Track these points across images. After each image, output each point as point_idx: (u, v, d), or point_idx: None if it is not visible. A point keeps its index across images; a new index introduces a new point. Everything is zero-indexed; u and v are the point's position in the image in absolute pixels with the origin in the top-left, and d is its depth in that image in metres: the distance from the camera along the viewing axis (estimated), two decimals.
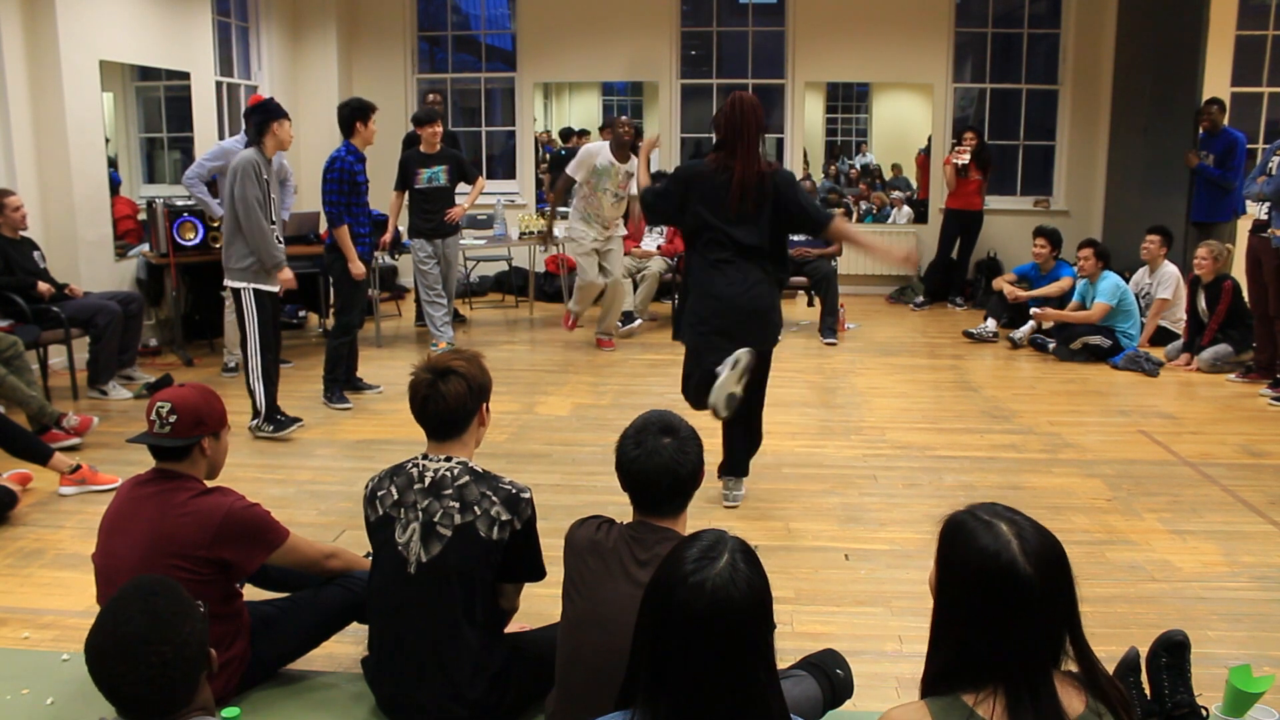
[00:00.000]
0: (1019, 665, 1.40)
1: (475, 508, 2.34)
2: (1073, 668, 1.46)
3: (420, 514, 2.35)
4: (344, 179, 5.54)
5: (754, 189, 3.72)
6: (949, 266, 9.00)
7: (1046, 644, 1.42)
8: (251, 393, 4.96)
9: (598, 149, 6.85)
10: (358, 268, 5.60)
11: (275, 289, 5.00)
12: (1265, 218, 5.89)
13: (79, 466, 4.18)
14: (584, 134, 9.90)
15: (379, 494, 2.43)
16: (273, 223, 4.93)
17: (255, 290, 4.89)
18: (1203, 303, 6.53)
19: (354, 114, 5.60)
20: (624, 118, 6.93)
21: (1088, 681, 1.44)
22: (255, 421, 4.98)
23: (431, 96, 8.25)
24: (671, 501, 2.13)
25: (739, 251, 3.77)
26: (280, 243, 5.00)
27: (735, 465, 4.09)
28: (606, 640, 1.97)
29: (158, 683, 1.58)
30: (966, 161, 8.51)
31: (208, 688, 1.73)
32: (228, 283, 4.95)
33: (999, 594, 1.40)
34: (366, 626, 2.59)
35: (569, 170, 6.97)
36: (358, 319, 5.78)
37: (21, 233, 5.52)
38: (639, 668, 1.47)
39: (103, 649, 1.60)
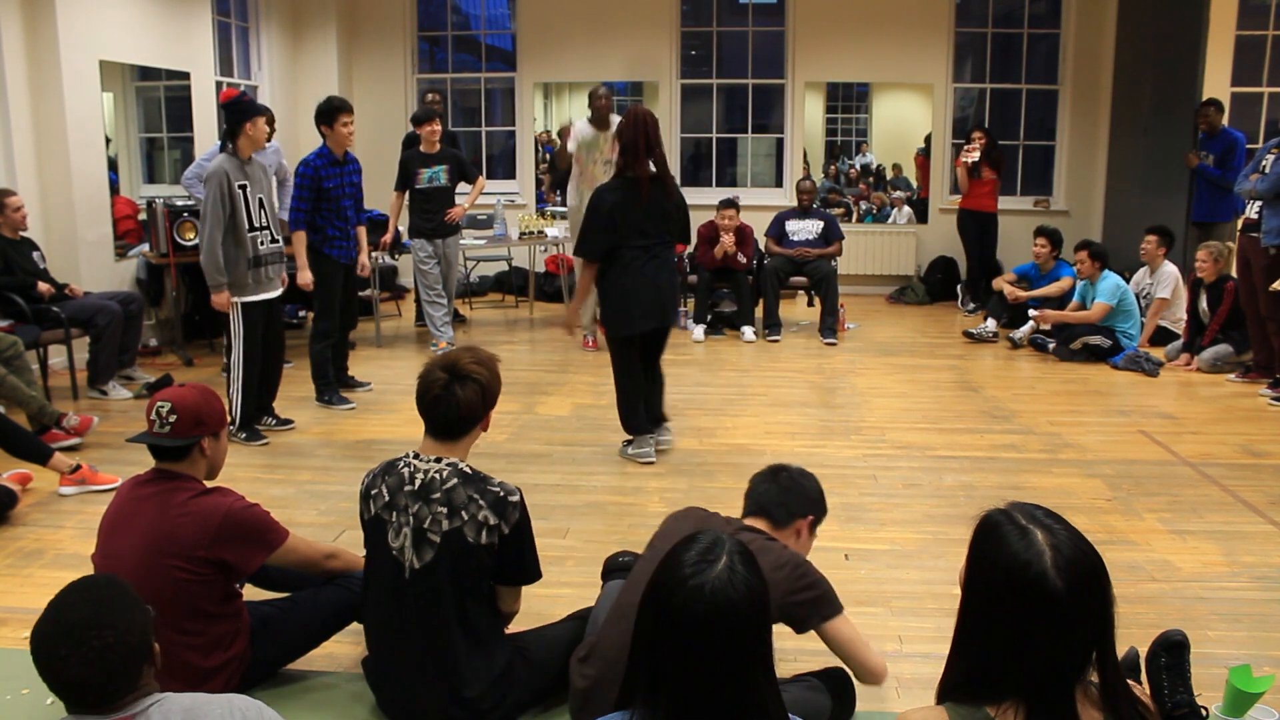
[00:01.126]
0: (1042, 681, 1.36)
1: (463, 512, 2.32)
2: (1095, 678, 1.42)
3: (411, 519, 2.34)
4: (305, 184, 5.43)
5: (655, 186, 4.40)
6: (971, 269, 8.87)
7: (1072, 661, 1.38)
8: (229, 399, 4.89)
9: (581, 125, 7.02)
10: (304, 277, 5.44)
11: (269, 295, 4.92)
12: (1255, 217, 5.89)
13: (79, 467, 4.18)
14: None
15: (372, 493, 2.42)
16: (261, 227, 4.83)
17: (239, 304, 4.80)
18: (1204, 303, 6.54)
19: (317, 118, 5.52)
20: (600, 89, 7.03)
21: (1108, 703, 1.40)
22: (230, 428, 4.87)
23: (431, 96, 8.25)
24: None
25: (659, 243, 4.46)
26: (276, 242, 4.94)
27: (652, 416, 4.71)
28: None
29: (98, 665, 1.62)
30: (977, 160, 8.48)
31: (154, 683, 1.74)
32: None
33: (1025, 606, 1.36)
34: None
35: (568, 148, 7.14)
36: (335, 324, 5.68)
37: (21, 233, 5.53)
38: (638, 669, 1.47)
39: (46, 634, 1.65)
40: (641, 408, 4.61)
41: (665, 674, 1.41)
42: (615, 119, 6.87)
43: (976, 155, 8.47)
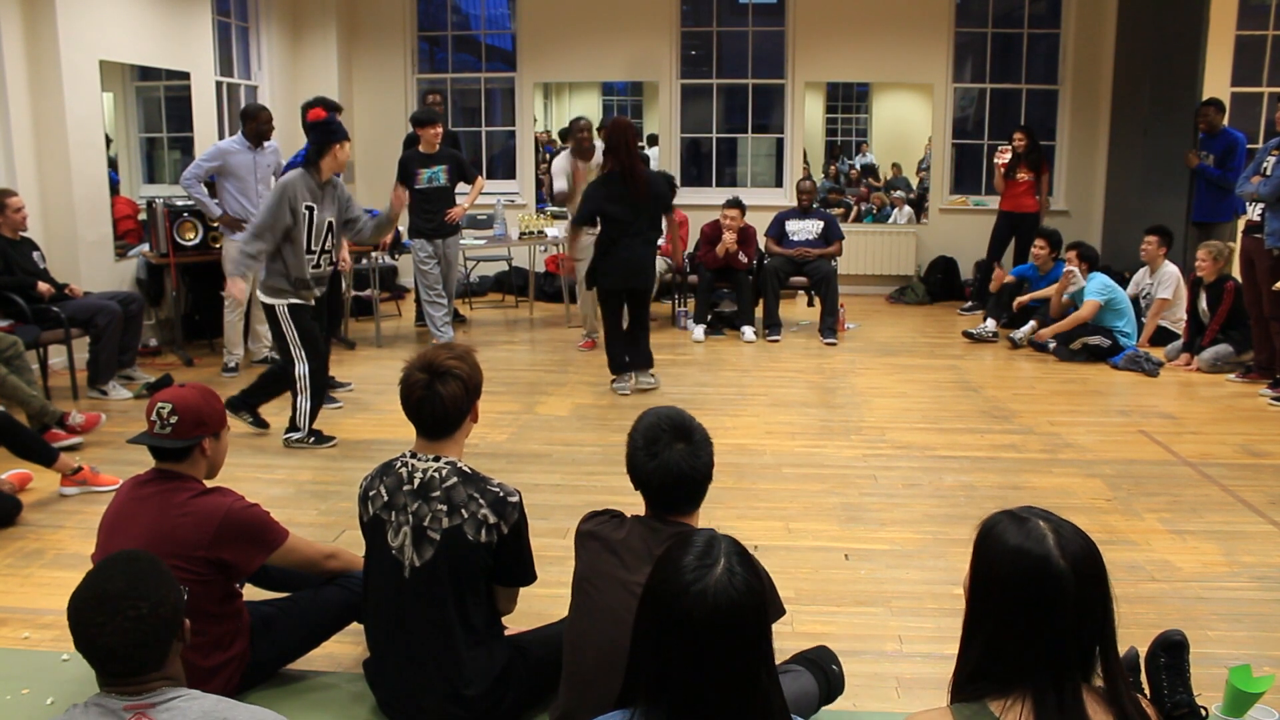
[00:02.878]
0: (1047, 671, 1.38)
1: (462, 510, 2.33)
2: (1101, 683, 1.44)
3: (410, 517, 2.34)
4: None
5: (641, 179, 5.61)
6: (992, 271, 8.62)
7: (1076, 653, 1.40)
8: (297, 409, 4.76)
9: (562, 161, 7.26)
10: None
11: (309, 302, 4.77)
12: (1258, 219, 5.89)
13: (80, 468, 4.18)
14: None
15: (370, 494, 2.42)
16: (320, 251, 4.72)
17: (287, 307, 4.67)
18: (1203, 303, 6.53)
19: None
20: (582, 120, 7.25)
21: (1113, 701, 1.42)
22: (297, 434, 4.79)
23: (432, 97, 8.24)
24: (687, 503, 2.16)
25: (637, 226, 5.65)
26: (327, 266, 4.82)
27: (643, 360, 5.92)
28: (619, 633, 1.98)
29: (131, 635, 1.67)
30: (1006, 161, 8.46)
31: (179, 662, 1.79)
32: (260, 298, 4.77)
33: (1031, 589, 1.39)
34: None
35: (559, 187, 7.23)
36: (323, 324, 5.64)
37: (21, 233, 5.53)
38: (640, 670, 1.47)
39: (84, 602, 1.71)
40: (622, 350, 5.87)
41: (669, 675, 1.42)
42: (599, 147, 7.06)
43: (1006, 158, 8.45)
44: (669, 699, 1.42)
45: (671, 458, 2.09)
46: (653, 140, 9.77)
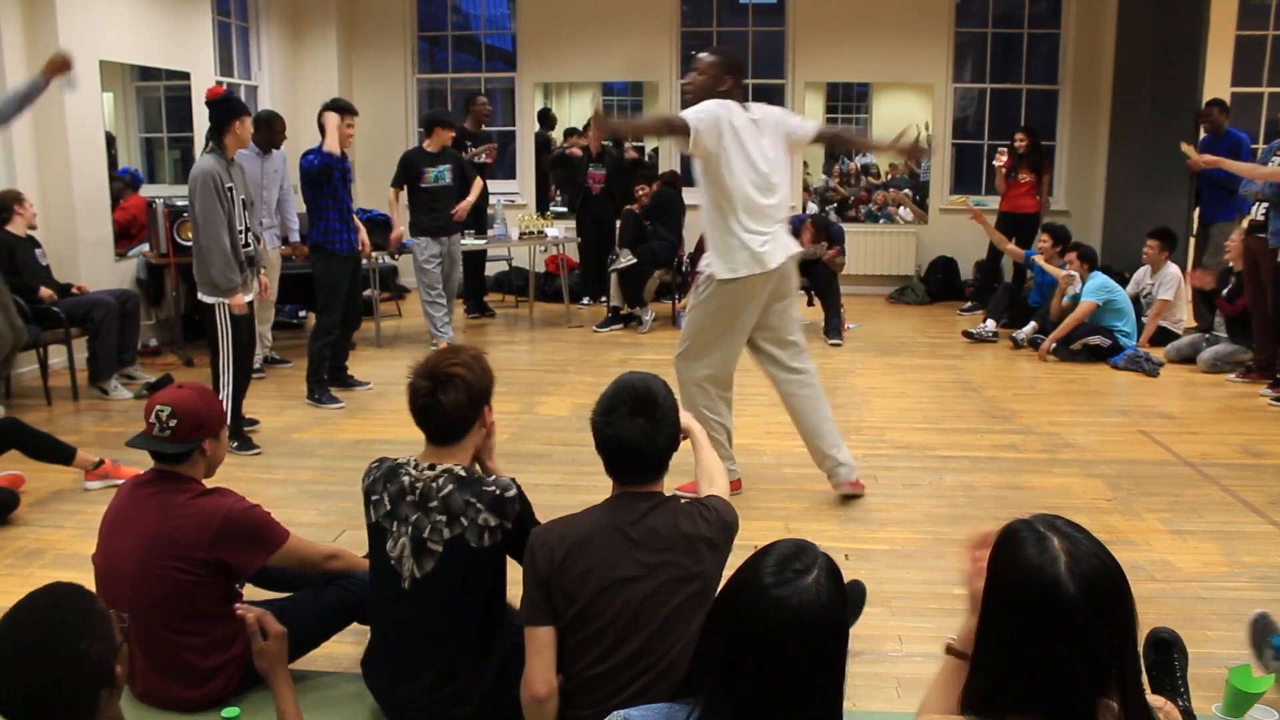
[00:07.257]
0: (1060, 694, 1.33)
1: (462, 518, 2.29)
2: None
3: (410, 528, 2.31)
4: (322, 169, 5.52)
5: None
6: (993, 270, 8.65)
7: (1091, 676, 1.34)
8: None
9: None
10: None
11: (250, 297, 4.68)
12: (1262, 218, 5.89)
13: (101, 461, 4.17)
14: (581, 134, 9.88)
15: (373, 498, 2.39)
16: (244, 229, 4.64)
17: (227, 304, 4.51)
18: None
19: (341, 114, 5.57)
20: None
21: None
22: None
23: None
24: (644, 475, 2.16)
25: None
26: (251, 246, 4.70)
27: None
28: (619, 631, 2.03)
29: (45, 700, 1.45)
30: (1003, 163, 8.47)
31: (117, 707, 1.59)
32: (200, 296, 4.56)
33: (1040, 612, 1.33)
34: (366, 627, 2.58)
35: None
36: (337, 320, 5.66)
37: (28, 231, 5.54)
38: (705, 665, 1.46)
39: None
40: None
41: (736, 676, 1.40)
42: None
43: (1003, 159, 8.44)
44: (733, 698, 1.41)
45: (625, 431, 2.08)
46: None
